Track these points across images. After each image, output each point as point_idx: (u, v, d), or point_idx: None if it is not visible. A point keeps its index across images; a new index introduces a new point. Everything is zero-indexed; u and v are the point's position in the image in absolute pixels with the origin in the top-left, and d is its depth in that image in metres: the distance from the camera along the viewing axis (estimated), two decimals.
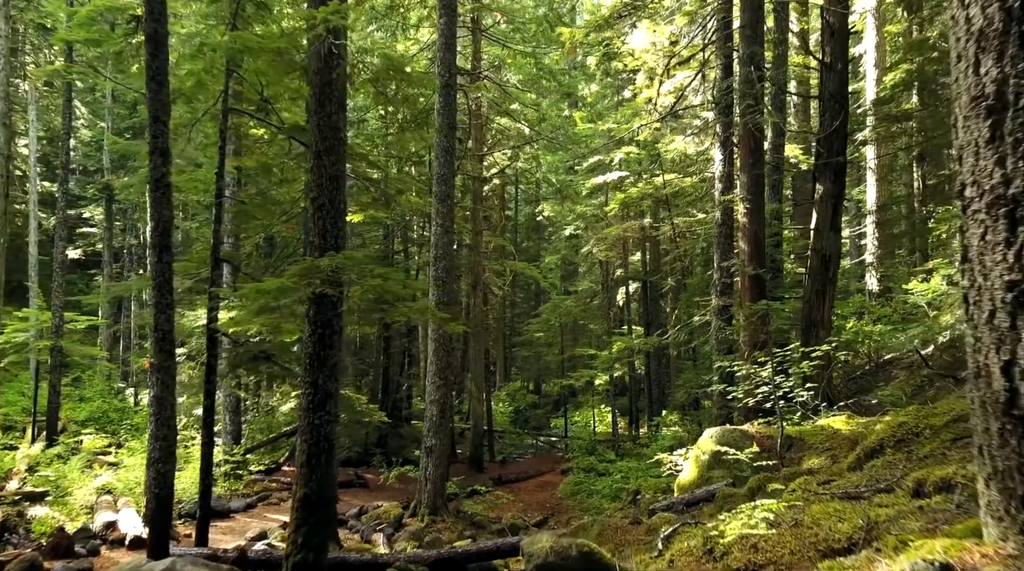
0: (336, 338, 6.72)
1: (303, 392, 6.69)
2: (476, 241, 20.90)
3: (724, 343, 12.35)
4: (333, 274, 6.31)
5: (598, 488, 16.29)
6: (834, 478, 4.93)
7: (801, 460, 7.44)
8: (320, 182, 6.78)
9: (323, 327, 6.65)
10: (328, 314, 6.64)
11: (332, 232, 6.76)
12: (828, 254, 11.68)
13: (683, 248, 19.94)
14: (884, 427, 5.59)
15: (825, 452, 7.32)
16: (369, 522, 13.15)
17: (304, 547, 6.29)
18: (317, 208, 6.74)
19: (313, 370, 6.62)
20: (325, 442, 6.57)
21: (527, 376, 36.60)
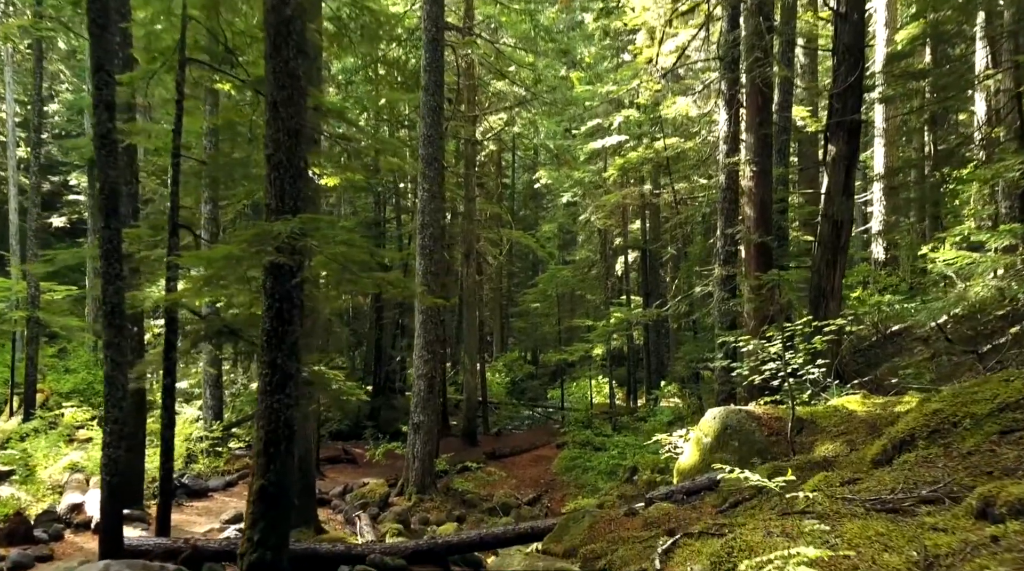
0: (296, 313, 6.00)
1: (260, 373, 5.99)
2: (469, 208, 20.10)
3: (727, 315, 11.65)
4: (290, 241, 5.56)
5: (594, 464, 15.73)
6: (859, 476, 4.25)
7: (814, 445, 6.78)
8: (277, 137, 6.00)
9: (281, 300, 5.93)
10: (287, 286, 5.91)
11: (291, 193, 5.99)
12: (840, 220, 10.92)
13: (684, 214, 19.16)
14: (915, 415, 4.90)
15: (840, 437, 6.65)
16: (354, 501, 12.58)
17: (261, 545, 5.65)
18: (273, 166, 5.97)
19: (271, 348, 5.91)
20: (285, 428, 5.88)
21: (524, 346, 36.01)
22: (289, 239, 5.57)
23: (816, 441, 6.87)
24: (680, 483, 7.35)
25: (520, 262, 39.54)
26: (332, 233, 5.84)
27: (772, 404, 8.12)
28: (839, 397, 8.10)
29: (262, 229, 5.48)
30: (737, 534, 3.45)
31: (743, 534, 3.38)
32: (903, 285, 20.89)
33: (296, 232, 5.59)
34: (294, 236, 5.57)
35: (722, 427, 7.54)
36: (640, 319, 14.00)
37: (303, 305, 6.13)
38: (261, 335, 5.98)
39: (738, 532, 3.53)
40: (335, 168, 9.40)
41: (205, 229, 15.33)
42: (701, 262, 20.10)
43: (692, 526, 5.53)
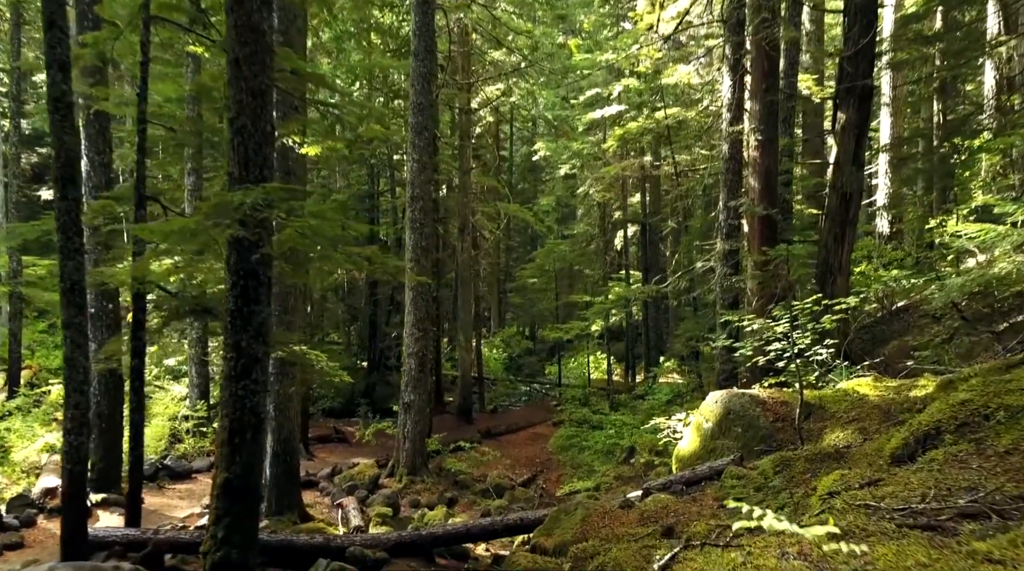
0: (263, 291, 5.50)
1: (224, 356, 5.51)
2: (464, 181, 19.52)
3: (729, 292, 11.16)
4: (252, 213, 5.05)
5: (590, 443, 15.37)
6: (881, 477, 3.79)
7: (823, 433, 6.33)
8: (240, 98, 5.45)
9: (247, 278, 5.42)
10: (252, 262, 5.40)
11: (256, 160, 5.46)
12: (849, 192, 10.38)
13: (685, 187, 18.57)
14: (940, 405, 4.43)
15: (852, 424, 6.19)
16: (342, 483, 12.20)
17: (226, 543, 5.21)
18: (236, 131, 5.43)
19: (235, 330, 5.42)
20: (251, 416, 5.41)
21: (522, 322, 35.57)
22: (252, 211, 5.06)
23: (825, 428, 6.42)
24: (679, 472, 6.91)
25: (519, 236, 38.96)
26: (299, 204, 5.32)
27: (777, 387, 7.67)
28: (848, 380, 7.64)
29: (221, 199, 4.96)
30: (746, 554, 2.99)
31: (753, 554, 2.93)
32: (908, 259, 20.39)
33: (260, 203, 5.08)
34: (257, 207, 5.05)
35: (724, 412, 7.10)
36: (639, 296, 13.50)
37: (271, 283, 5.63)
38: (225, 315, 5.49)
39: (747, 551, 3.07)
40: (316, 136, 8.83)
41: (189, 202, 14.78)
42: (702, 236, 19.57)
43: (692, 523, 5.10)
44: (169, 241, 5.13)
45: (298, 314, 9.97)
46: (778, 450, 6.55)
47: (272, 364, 9.75)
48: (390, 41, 21.81)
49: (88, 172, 10.34)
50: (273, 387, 9.81)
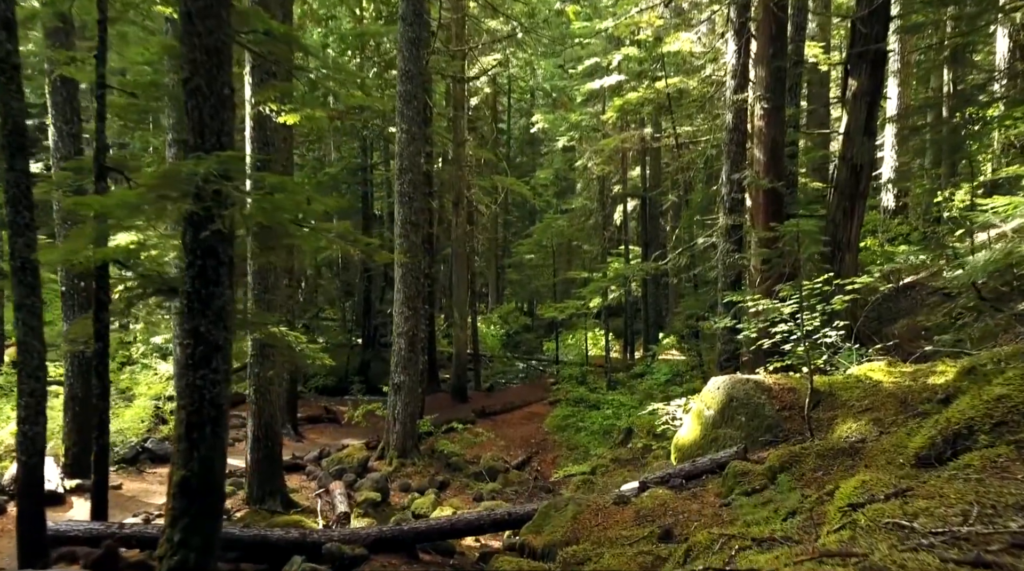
0: (223, 271, 5.01)
1: (181, 343, 5.04)
2: (458, 153, 18.91)
3: (731, 269, 10.66)
4: (206, 185, 4.53)
5: (587, 424, 14.96)
6: (909, 485, 3.32)
7: (833, 423, 5.87)
8: (193, 57, 4.90)
9: (205, 257, 4.92)
10: (211, 240, 4.90)
11: (212, 127, 4.93)
12: (859, 164, 9.85)
13: (686, 158, 17.97)
14: (973, 400, 3.96)
15: (865, 414, 5.73)
16: (330, 467, 11.79)
17: (183, 546, 4.78)
18: (190, 93, 4.89)
19: (192, 314, 4.93)
20: (211, 408, 4.95)
21: (520, 298, 35.12)
22: (205, 183, 4.54)
23: (836, 418, 5.96)
24: (679, 465, 6.47)
25: (517, 210, 38.36)
26: (259, 175, 4.80)
27: (783, 372, 7.20)
28: (858, 364, 7.17)
29: (169, 170, 4.45)
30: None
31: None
32: (915, 234, 19.85)
33: (214, 174, 4.56)
34: (211, 179, 4.53)
35: (727, 399, 6.64)
36: (637, 273, 13.02)
37: (232, 262, 5.12)
38: (181, 298, 5.00)
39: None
40: (293, 104, 8.26)
41: None
42: (703, 211, 19.00)
43: (693, 525, 4.66)
44: (114, 216, 4.62)
45: (279, 293, 9.49)
46: (784, 441, 6.11)
47: (251, 346, 9.31)
48: (382, 7, 21.06)
49: (56, 142, 9.80)
50: (253, 369, 9.38)
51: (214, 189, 4.46)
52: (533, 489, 12.20)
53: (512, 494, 11.85)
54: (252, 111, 8.99)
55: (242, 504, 9.35)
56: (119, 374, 15.99)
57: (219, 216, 4.42)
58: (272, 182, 4.83)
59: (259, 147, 9.06)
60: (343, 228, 5.39)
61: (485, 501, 11.16)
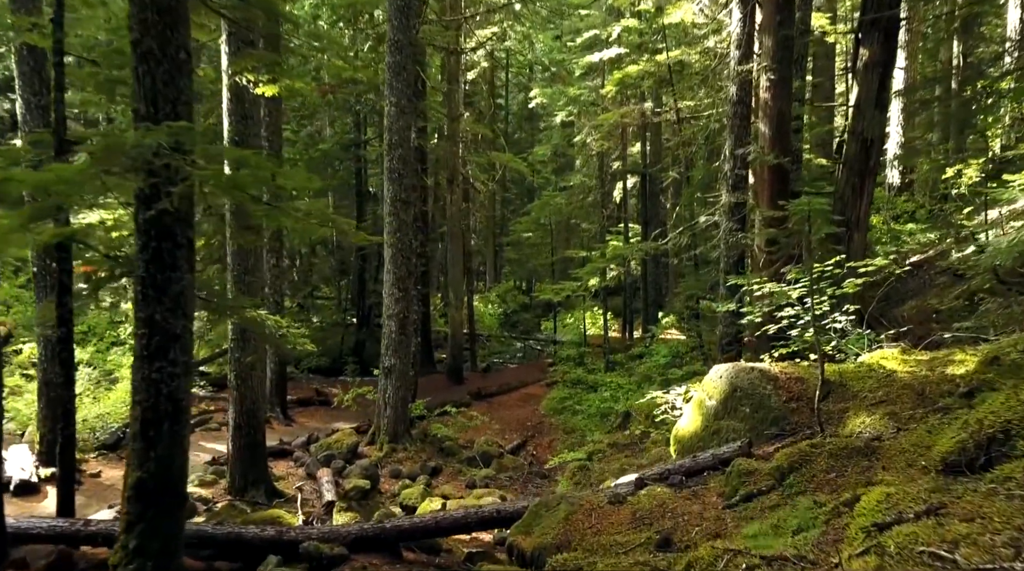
0: (181, 254, 4.57)
1: (135, 332, 4.61)
2: (453, 128, 18.35)
3: (734, 248, 10.22)
4: (156, 159, 4.08)
5: (584, 407, 14.60)
6: (941, 502, 2.91)
7: (845, 417, 5.47)
8: (143, 17, 4.42)
9: (160, 239, 4.48)
10: (166, 219, 4.45)
11: (166, 94, 4.46)
12: (870, 138, 9.37)
13: (688, 133, 17.44)
14: (1008, 400, 3.56)
15: (879, 407, 5.33)
16: (318, 452, 11.44)
17: (139, 554, 4.39)
18: (140, 57, 4.41)
19: (147, 301, 4.51)
20: (169, 404, 4.54)
21: (519, 276, 34.70)
22: (155, 156, 4.09)
23: (847, 411, 5.56)
24: (678, 460, 6.08)
25: (516, 188, 37.80)
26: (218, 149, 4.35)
27: (789, 359, 6.79)
28: (869, 350, 6.76)
29: (113, 143, 3.99)
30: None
31: None
32: (921, 212, 19.35)
33: (164, 147, 4.10)
34: (161, 152, 4.08)
35: (730, 389, 6.24)
36: (636, 253, 12.57)
37: (192, 245, 4.69)
38: (135, 284, 4.57)
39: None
40: (271, 74, 7.76)
41: None
42: (704, 188, 18.49)
43: (694, 530, 4.28)
44: (54, 192, 4.17)
45: (260, 274, 9.05)
46: (792, 435, 5.72)
47: (231, 330, 8.90)
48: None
49: (23, 115, 9.30)
50: (233, 354, 8.98)
51: (163, 163, 3.99)
52: (528, 475, 11.87)
53: (506, 480, 11.51)
54: (229, 82, 8.49)
55: (224, 494, 9.01)
56: (106, 355, 15.62)
57: (167, 193, 3.97)
58: (236, 155, 4.38)
59: (237, 120, 8.57)
60: (315, 207, 4.96)
61: (477, 488, 10.82)
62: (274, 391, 14.09)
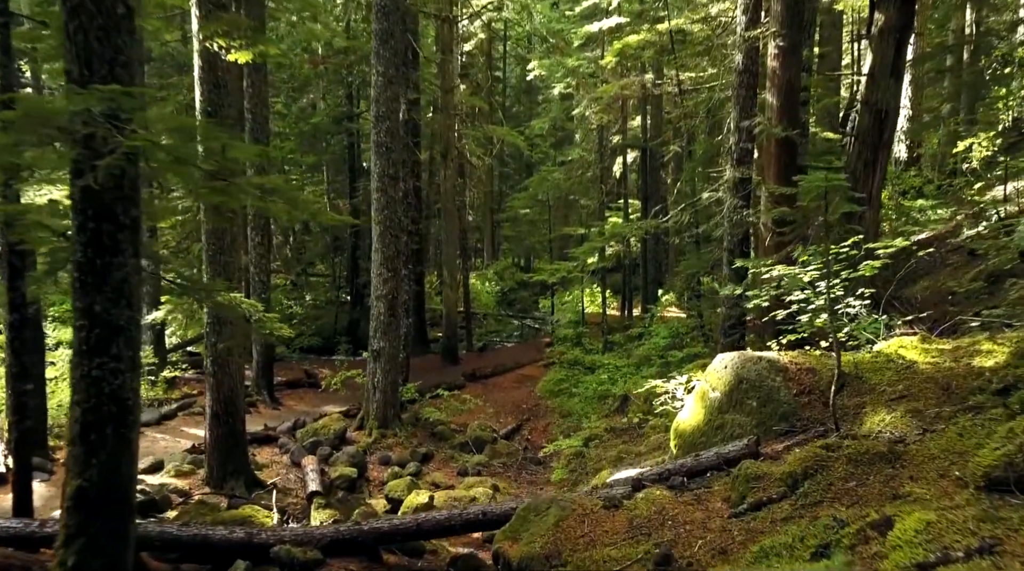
0: (124, 236, 4.06)
1: (74, 325, 4.13)
2: (447, 100, 17.70)
3: (738, 227, 9.69)
4: (83, 128, 3.56)
5: (581, 390, 14.17)
6: (995, 537, 2.45)
7: (862, 413, 5.01)
8: None
9: (99, 219, 3.98)
10: (106, 197, 3.95)
11: (102, 54, 3.92)
12: (884, 109, 8.82)
13: (690, 104, 16.82)
14: None
15: (900, 403, 4.86)
16: (304, 438, 11.03)
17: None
18: (71, 11, 3.86)
19: (86, 290, 4.01)
20: (112, 404, 4.07)
21: (517, 253, 34.12)
22: (85, 125, 3.57)
23: (864, 406, 5.09)
24: (679, 460, 5.62)
25: (514, 162, 37.11)
26: (163, 115, 3.83)
27: (799, 348, 6.31)
28: (885, 338, 6.28)
29: (33, 107, 3.47)
30: None
31: None
32: (929, 187, 18.78)
33: (98, 115, 3.58)
34: (91, 120, 3.56)
35: (735, 380, 5.77)
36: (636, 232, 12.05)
37: (138, 226, 4.18)
38: (73, 270, 4.08)
39: None
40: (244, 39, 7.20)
41: None
42: (706, 163, 17.90)
43: (696, 544, 3.83)
44: None
45: (237, 255, 8.55)
46: (803, 432, 5.26)
47: (207, 314, 8.43)
48: None
49: None
50: (209, 339, 8.51)
51: (94, 133, 3.48)
52: (522, 461, 11.47)
53: (499, 467, 11.12)
54: (199, 48, 7.91)
55: (201, 485, 8.60)
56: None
57: (91, 167, 3.45)
58: (179, 123, 3.86)
59: (209, 89, 8.01)
60: (274, 183, 4.44)
61: (469, 476, 10.44)
62: (261, 374, 13.66)
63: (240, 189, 4.10)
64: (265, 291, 13.39)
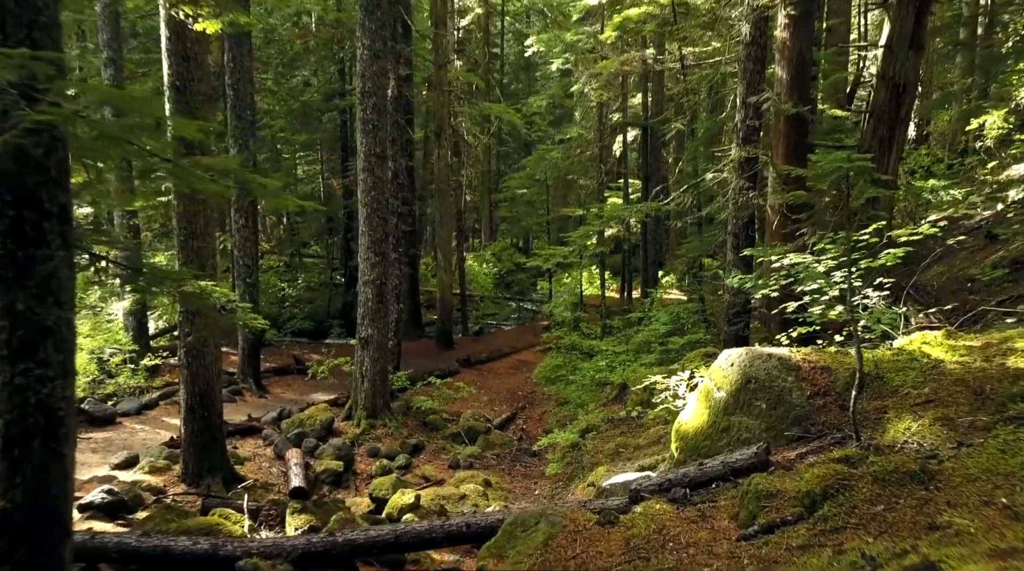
0: (52, 226, 3.55)
1: None
2: (440, 76, 17.07)
3: (744, 209, 9.17)
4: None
5: (578, 377, 13.72)
6: None
7: (884, 420, 4.53)
8: None
9: (19, 206, 3.47)
10: (30, 183, 3.44)
11: (19, 16, 3.37)
12: (903, 83, 8.26)
13: (693, 79, 16.20)
14: None
15: (927, 409, 4.38)
16: (290, 429, 10.58)
17: None
18: None
19: (6, 286, 3.51)
20: (40, 415, 3.58)
21: (515, 234, 33.52)
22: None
23: (887, 411, 4.61)
24: (681, 464, 5.15)
25: (513, 141, 36.41)
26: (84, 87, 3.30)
27: (811, 344, 5.80)
28: (904, 332, 5.78)
29: None
30: None
31: None
32: (940, 167, 18.19)
33: (5, 83, 3.06)
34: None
35: (743, 379, 5.28)
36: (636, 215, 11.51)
37: (68, 213, 3.67)
38: None
39: None
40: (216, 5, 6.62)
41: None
42: (707, 142, 17.30)
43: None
44: None
45: (211, 240, 8.04)
46: (818, 438, 4.78)
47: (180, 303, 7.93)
48: None
49: None
50: (183, 329, 8.02)
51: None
52: (516, 453, 11.06)
53: (492, 459, 10.70)
54: (166, 17, 7.34)
55: (177, 481, 8.15)
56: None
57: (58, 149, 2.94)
58: (101, 96, 3.33)
59: (177, 62, 7.45)
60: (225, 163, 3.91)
61: (461, 469, 10.01)
62: (247, 361, 13.20)
63: (184, 170, 3.58)
64: (251, 275, 12.89)
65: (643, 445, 9.45)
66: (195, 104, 7.47)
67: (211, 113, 9.13)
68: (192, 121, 4.10)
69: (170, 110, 7.47)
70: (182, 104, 7.41)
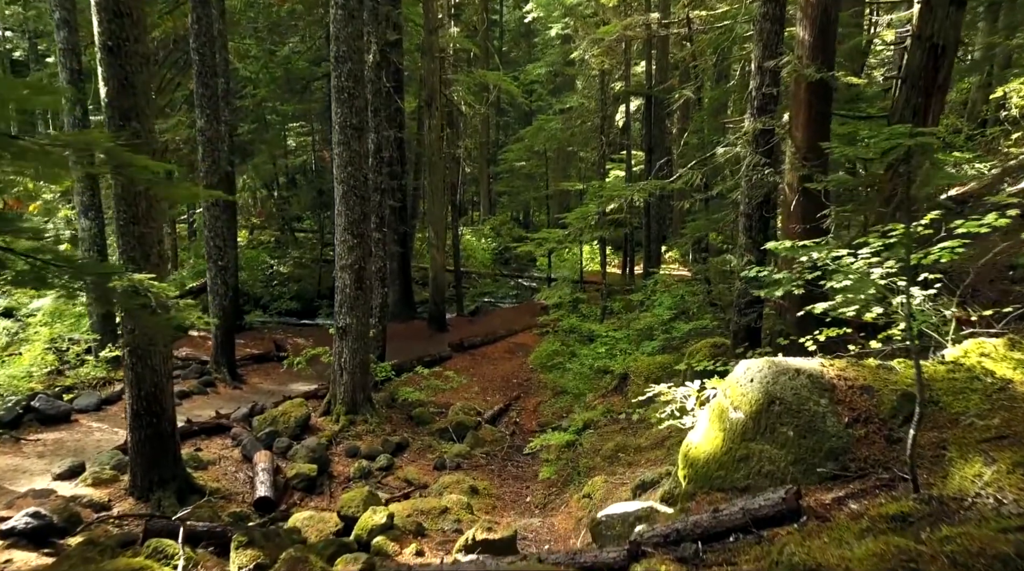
0: None
1: None
2: (430, 42, 15.96)
3: (759, 187, 8.20)
4: None
5: (576, 365, 12.83)
6: None
7: (944, 460, 3.64)
8: None
9: None
10: None
11: None
12: (942, 44, 7.24)
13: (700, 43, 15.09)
14: None
15: (1001, 446, 3.49)
16: (262, 427, 9.75)
17: None
18: None
19: None
20: None
21: (514, 207, 32.48)
22: None
23: (946, 447, 3.72)
24: (691, 513, 4.26)
25: (514, 111, 35.21)
26: None
27: (847, 355, 4.88)
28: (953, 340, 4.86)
29: None
30: None
31: None
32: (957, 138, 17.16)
33: None
34: None
35: (765, 399, 4.40)
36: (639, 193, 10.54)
37: None
38: None
39: None
40: None
41: (63, 66, 11.49)
42: (713, 112, 16.24)
43: None
44: None
45: (157, 223, 7.11)
46: (860, 478, 3.90)
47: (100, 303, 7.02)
48: None
49: None
50: (125, 326, 7.14)
51: None
52: (508, 451, 10.24)
53: (482, 458, 9.89)
54: None
55: (125, 495, 7.33)
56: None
57: None
58: None
59: (109, 19, 6.46)
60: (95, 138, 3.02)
61: (447, 472, 9.20)
62: (220, 349, 12.34)
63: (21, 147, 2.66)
64: (223, 257, 11.97)
65: (644, 447, 8.62)
66: (131, 68, 6.51)
67: (150, 78, 8.13)
68: (53, 94, 3.14)
69: (102, 74, 6.52)
70: (115, 67, 6.46)
